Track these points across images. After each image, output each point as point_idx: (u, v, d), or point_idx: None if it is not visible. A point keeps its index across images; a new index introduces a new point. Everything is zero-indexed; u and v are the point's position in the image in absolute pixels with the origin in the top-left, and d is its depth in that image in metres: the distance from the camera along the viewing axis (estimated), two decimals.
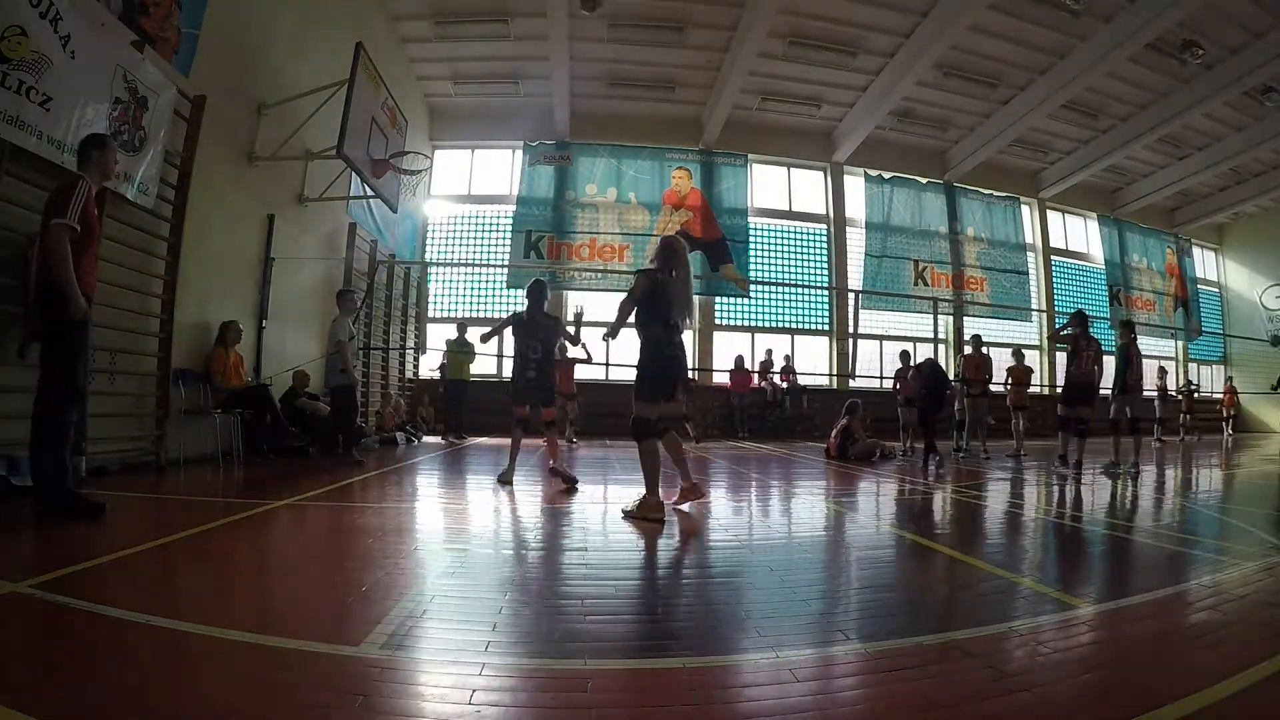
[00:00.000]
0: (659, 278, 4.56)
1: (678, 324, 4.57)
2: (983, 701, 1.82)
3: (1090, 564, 3.79)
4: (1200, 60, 13.39)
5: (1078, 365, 8.45)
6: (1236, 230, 22.50)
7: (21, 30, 4.62)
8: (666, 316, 4.53)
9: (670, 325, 4.53)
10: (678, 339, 4.60)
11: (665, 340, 4.52)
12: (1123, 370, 8.63)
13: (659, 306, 4.51)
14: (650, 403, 4.57)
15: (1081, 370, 8.42)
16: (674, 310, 4.53)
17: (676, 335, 4.58)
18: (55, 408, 3.94)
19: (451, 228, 16.51)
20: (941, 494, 6.43)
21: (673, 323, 4.55)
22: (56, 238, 3.82)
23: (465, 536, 4.05)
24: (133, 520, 4.03)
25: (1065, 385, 8.72)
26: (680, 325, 4.60)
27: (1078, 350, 8.47)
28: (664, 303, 4.51)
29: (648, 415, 4.58)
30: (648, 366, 4.54)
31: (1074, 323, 8.70)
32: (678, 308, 4.55)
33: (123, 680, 1.87)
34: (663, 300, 4.51)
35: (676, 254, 4.66)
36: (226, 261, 7.85)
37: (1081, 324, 8.61)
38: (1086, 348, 8.45)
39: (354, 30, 9.60)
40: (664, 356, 4.53)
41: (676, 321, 4.56)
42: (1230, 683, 1.92)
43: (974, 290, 18.04)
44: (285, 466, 7.26)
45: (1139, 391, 8.97)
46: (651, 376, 4.57)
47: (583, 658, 2.08)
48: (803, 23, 13.11)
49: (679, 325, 4.59)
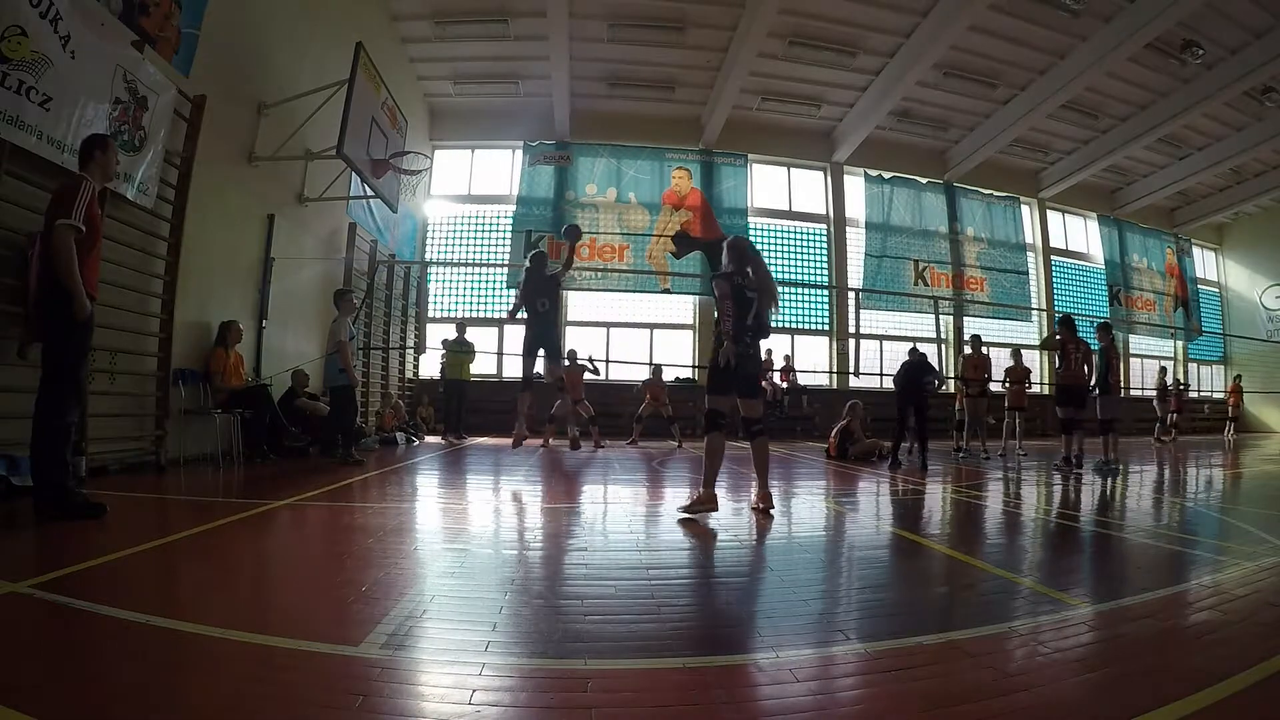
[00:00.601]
0: (737, 281, 4.68)
1: (755, 324, 4.69)
2: (983, 702, 1.82)
3: (1091, 564, 3.79)
4: (1200, 60, 13.39)
5: (1065, 367, 8.88)
6: (1237, 230, 22.50)
7: (21, 30, 4.62)
8: (746, 316, 4.66)
9: (748, 325, 4.65)
10: (754, 339, 4.72)
11: (740, 340, 4.60)
12: (1104, 372, 8.96)
13: (740, 307, 4.63)
14: (721, 395, 4.71)
15: (1070, 372, 8.82)
16: (751, 311, 4.67)
17: (752, 335, 4.70)
18: (57, 408, 3.95)
19: (451, 228, 16.50)
20: (941, 494, 6.44)
21: (750, 322, 4.66)
22: (62, 238, 3.83)
23: (465, 536, 4.05)
24: (133, 520, 4.03)
25: (1056, 388, 9.11)
26: (761, 325, 4.74)
27: (1066, 354, 8.88)
28: (743, 303, 4.64)
29: (718, 408, 4.71)
30: (719, 362, 4.63)
31: (1063, 332, 9.06)
32: (757, 306, 4.69)
33: (123, 680, 1.87)
34: (742, 301, 4.63)
35: (743, 254, 4.79)
36: (226, 261, 7.85)
37: (1068, 329, 8.98)
38: (1075, 351, 8.83)
39: (354, 30, 9.59)
40: (739, 355, 4.60)
41: (754, 321, 4.68)
42: (1231, 683, 1.92)
43: (974, 290, 18.04)
44: (285, 466, 7.26)
45: (1118, 392, 9.31)
46: (721, 371, 4.64)
47: (583, 658, 2.08)
48: (803, 23, 13.11)
49: (758, 325, 4.71)
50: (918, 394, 9.03)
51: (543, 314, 6.89)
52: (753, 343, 4.74)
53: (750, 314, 4.68)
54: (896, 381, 9.30)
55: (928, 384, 9.03)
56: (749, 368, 4.76)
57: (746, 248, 4.87)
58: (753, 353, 4.77)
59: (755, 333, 4.73)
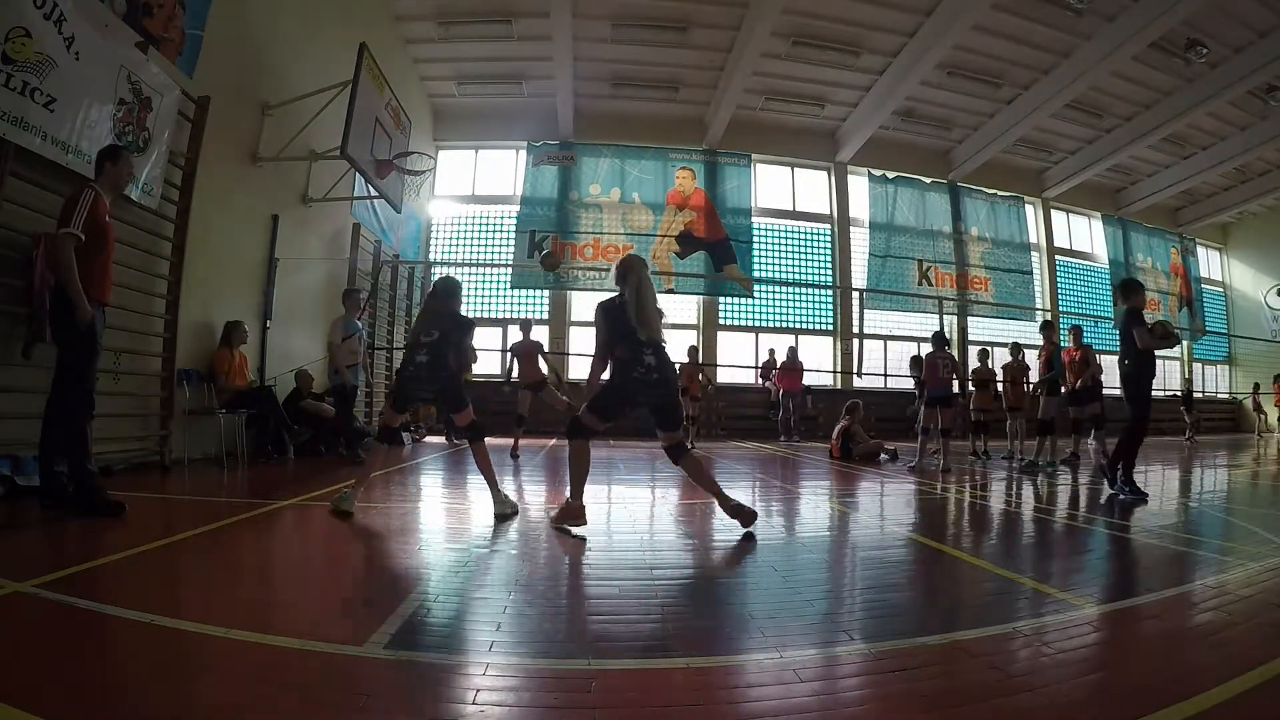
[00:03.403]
0: (612, 304, 4.30)
1: (642, 341, 4.16)
2: (986, 702, 1.81)
3: (1092, 564, 3.78)
4: (1204, 59, 13.35)
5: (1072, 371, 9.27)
6: (1241, 230, 22.43)
7: (26, 32, 4.64)
8: (629, 337, 4.18)
9: (635, 343, 4.16)
10: (648, 357, 4.17)
11: (631, 360, 4.17)
12: (1059, 373, 9.32)
13: (618, 330, 4.21)
14: (599, 417, 4.27)
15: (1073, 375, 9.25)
16: (634, 329, 4.16)
17: (644, 353, 4.17)
18: (69, 412, 4.00)
19: (455, 228, 16.52)
20: (946, 495, 6.43)
21: (637, 340, 4.16)
22: (60, 247, 3.87)
23: (468, 536, 4.05)
24: (137, 520, 4.04)
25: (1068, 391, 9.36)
26: (648, 340, 4.17)
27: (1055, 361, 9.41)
28: (621, 324, 4.19)
29: (592, 425, 4.27)
30: (610, 385, 4.25)
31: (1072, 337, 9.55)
32: (637, 324, 4.17)
33: (126, 679, 1.87)
34: (619, 323, 4.21)
35: (624, 273, 4.33)
36: (231, 262, 7.88)
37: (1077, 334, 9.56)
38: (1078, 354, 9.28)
39: (358, 31, 9.61)
40: (629, 379, 4.17)
41: (640, 339, 4.16)
42: (1235, 683, 1.91)
43: (978, 290, 18.01)
44: (289, 467, 7.28)
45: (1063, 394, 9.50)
46: (610, 394, 4.25)
47: (586, 658, 2.08)
48: (806, 22, 13.10)
49: (645, 341, 4.16)
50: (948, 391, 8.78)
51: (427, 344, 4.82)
52: (656, 367, 4.17)
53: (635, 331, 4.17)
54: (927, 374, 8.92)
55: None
56: (661, 396, 4.27)
57: (626, 265, 4.39)
58: (655, 378, 4.17)
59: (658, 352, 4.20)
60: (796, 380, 14.61)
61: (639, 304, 4.19)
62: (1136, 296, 6.09)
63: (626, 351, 4.18)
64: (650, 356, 4.17)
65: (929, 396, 8.74)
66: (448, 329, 4.79)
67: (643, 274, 4.31)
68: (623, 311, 4.22)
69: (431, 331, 4.78)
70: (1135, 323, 5.86)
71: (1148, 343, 5.81)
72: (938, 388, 8.67)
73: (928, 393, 8.79)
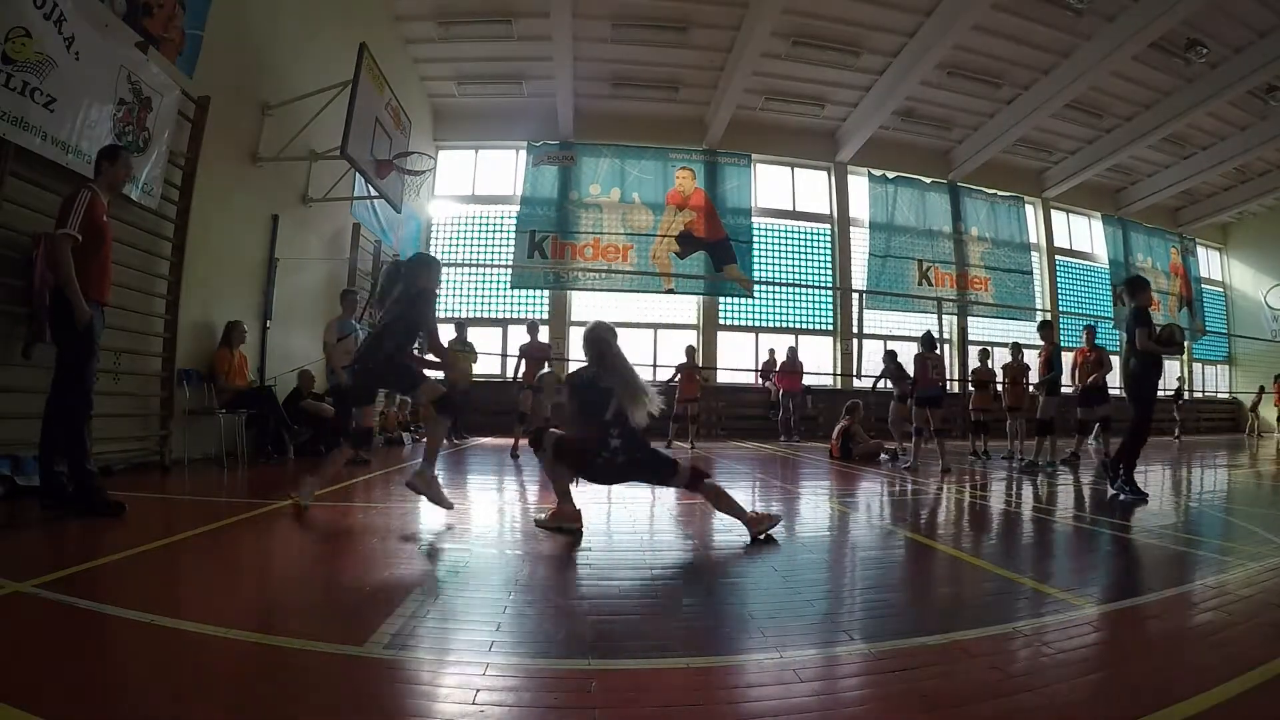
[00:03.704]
0: (581, 379, 4.11)
1: (608, 421, 3.93)
2: (986, 702, 1.82)
3: (1092, 564, 3.78)
4: (1204, 59, 13.35)
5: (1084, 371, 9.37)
6: (1241, 230, 22.43)
7: (26, 32, 4.64)
8: (595, 419, 3.97)
9: (602, 425, 3.95)
10: (613, 440, 3.93)
11: (597, 444, 3.95)
12: (1057, 373, 9.26)
13: (586, 410, 4.01)
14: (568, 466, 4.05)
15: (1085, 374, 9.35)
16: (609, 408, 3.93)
17: (611, 435, 3.93)
18: (67, 412, 4.00)
19: (455, 228, 16.51)
20: (945, 495, 6.43)
21: (604, 421, 3.94)
22: (57, 247, 3.87)
23: (469, 537, 4.05)
24: (137, 520, 4.04)
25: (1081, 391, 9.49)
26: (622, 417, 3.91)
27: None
28: (592, 405, 3.99)
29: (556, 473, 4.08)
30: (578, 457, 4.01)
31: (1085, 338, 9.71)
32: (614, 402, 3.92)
33: (126, 680, 1.87)
34: (588, 403, 4.00)
35: (598, 352, 4.08)
36: (231, 262, 7.87)
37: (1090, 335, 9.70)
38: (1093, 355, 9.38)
39: (358, 31, 9.60)
40: (593, 464, 3.99)
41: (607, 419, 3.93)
42: (1235, 683, 1.91)
43: (978, 290, 18.00)
44: (289, 467, 7.28)
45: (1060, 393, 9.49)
46: (577, 463, 4.05)
47: (586, 658, 2.08)
48: (806, 22, 13.09)
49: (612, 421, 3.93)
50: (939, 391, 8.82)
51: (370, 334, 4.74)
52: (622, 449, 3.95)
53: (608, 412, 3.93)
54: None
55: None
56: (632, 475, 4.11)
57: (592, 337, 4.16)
58: (621, 460, 3.95)
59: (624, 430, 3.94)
60: (796, 380, 14.59)
61: (626, 388, 3.91)
62: (1142, 295, 6.06)
63: (593, 433, 3.96)
64: (616, 439, 3.93)
65: (918, 397, 8.76)
66: (393, 314, 4.52)
67: (617, 348, 4.08)
68: (594, 391, 3.98)
69: (381, 320, 4.58)
70: (1139, 323, 5.84)
71: (1147, 345, 5.79)
72: (926, 388, 8.69)
73: (917, 393, 8.80)
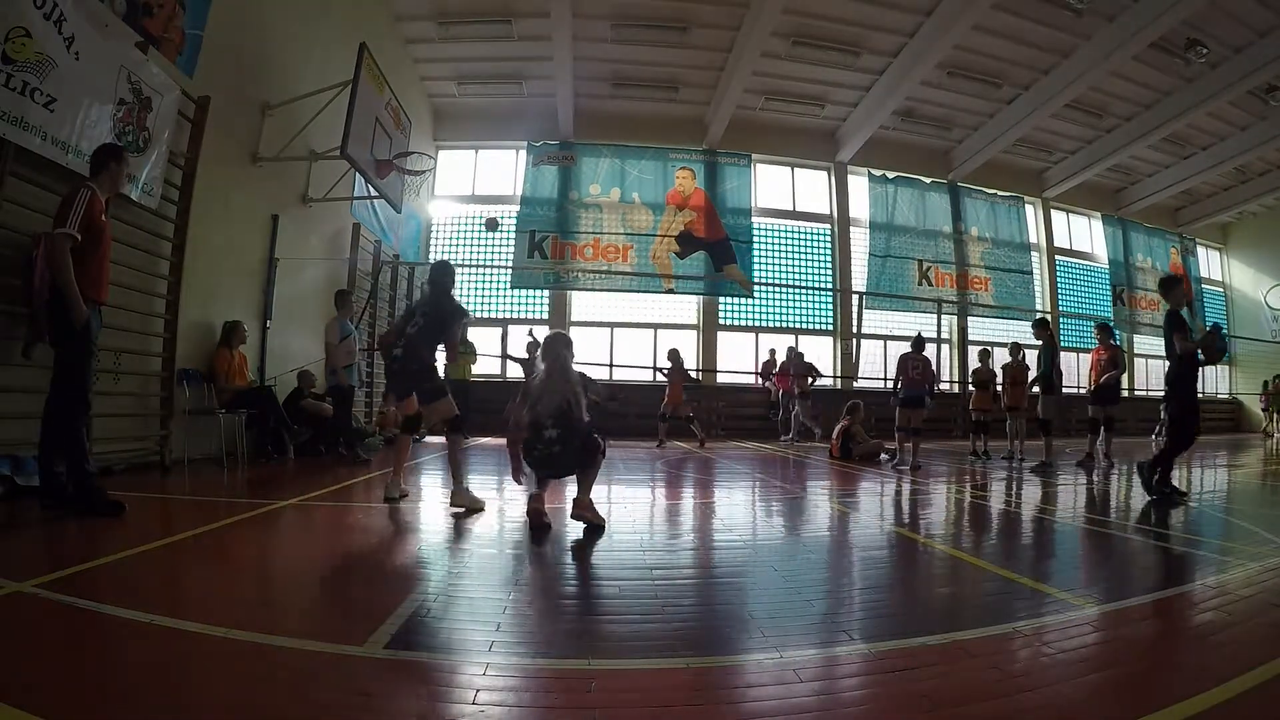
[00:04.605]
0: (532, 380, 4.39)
1: (541, 413, 4.20)
2: (987, 702, 1.81)
3: (1092, 564, 3.78)
4: (1204, 59, 13.33)
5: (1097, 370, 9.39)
6: (1241, 229, 22.42)
7: (26, 32, 4.64)
8: (531, 412, 4.24)
9: (535, 416, 4.22)
10: (548, 432, 4.17)
11: (533, 437, 4.22)
12: (1047, 370, 9.24)
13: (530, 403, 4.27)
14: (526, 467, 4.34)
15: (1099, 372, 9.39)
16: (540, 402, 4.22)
17: (545, 428, 4.18)
18: (65, 412, 4.00)
19: (456, 228, 16.50)
20: (945, 495, 6.43)
21: (536, 412, 4.22)
22: (56, 247, 3.87)
23: (469, 536, 4.05)
24: (137, 520, 4.04)
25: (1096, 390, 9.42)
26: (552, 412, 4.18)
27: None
28: (532, 399, 4.26)
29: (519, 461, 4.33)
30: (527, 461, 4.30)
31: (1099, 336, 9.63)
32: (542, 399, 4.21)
33: (126, 679, 1.87)
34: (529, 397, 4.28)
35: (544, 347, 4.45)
36: (231, 262, 7.87)
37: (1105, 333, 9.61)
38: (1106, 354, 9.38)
39: (357, 31, 9.60)
40: (530, 454, 4.25)
41: (539, 411, 4.20)
42: (1235, 683, 1.91)
43: (978, 290, 18.00)
44: (289, 467, 7.28)
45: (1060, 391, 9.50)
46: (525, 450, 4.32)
47: (586, 658, 2.08)
48: (806, 22, 13.08)
49: (546, 413, 4.19)
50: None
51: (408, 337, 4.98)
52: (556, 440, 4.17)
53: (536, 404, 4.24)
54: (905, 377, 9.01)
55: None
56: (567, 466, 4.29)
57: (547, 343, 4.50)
58: (556, 450, 4.18)
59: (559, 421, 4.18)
60: (800, 381, 14.55)
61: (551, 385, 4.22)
62: (1174, 293, 6.03)
63: (530, 426, 4.22)
64: (551, 430, 4.17)
65: (901, 398, 8.93)
66: (430, 321, 4.89)
67: (561, 353, 4.37)
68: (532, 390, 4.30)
69: (418, 322, 4.90)
70: (1175, 328, 5.78)
71: (1187, 347, 5.75)
72: (909, 389, 8.86)
73: (900, 394, 8.97)
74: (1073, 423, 15.23)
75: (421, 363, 4.89)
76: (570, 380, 4.28)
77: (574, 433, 4.22)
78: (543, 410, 4.20)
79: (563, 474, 4.38)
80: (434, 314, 4.93)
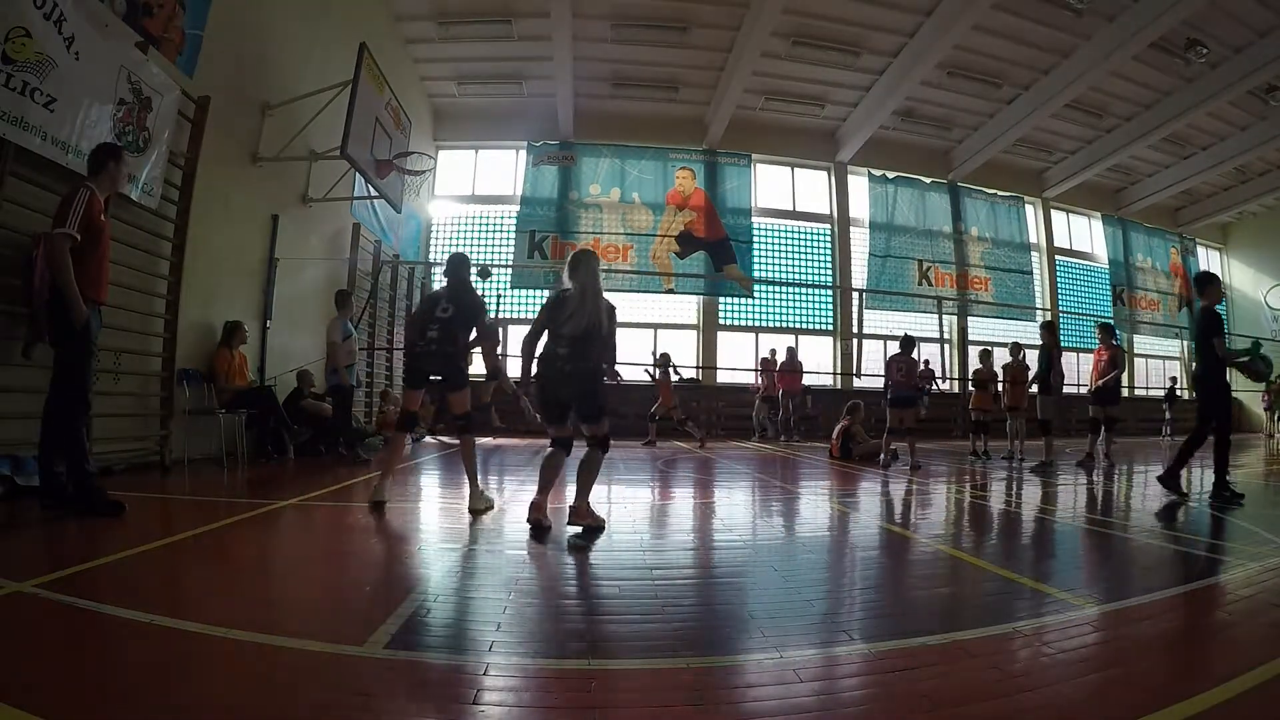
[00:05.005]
0: (558, 297, 4.27)
1: (564, 335, 4.13)
2: (987, 702, 1.81)
3: (1092, 564, 3.78)
4: (1204, 59, 13.34)
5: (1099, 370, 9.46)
6: (1241, 229, 22.43)
7: (26, 32, 4.64)
8: (554, 331, 4.20)
9: (555, 337, 4.18)
10: (561, 349, 4.13)
11: (552, 354, 4.17)
12: (1045, 371, 9.27)
13: (553, 320, 4.21)
14: (543, 417, 4.34)
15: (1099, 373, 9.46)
16: (569, 321, 4.12)
17: (559, 346, 4.15)
18: (64, 413, 4.00)
19: (455, 228, 16.51)
20: (945, 494, 6.43)
21: (558, 334, 4.16)
22: (55, 247, 3.86)
23: (469, 536, 4.05)
24: (137, 520, 4.04)
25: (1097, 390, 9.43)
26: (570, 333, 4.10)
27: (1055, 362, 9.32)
28: (558, 315, 4.17)
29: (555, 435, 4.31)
30: (535, 384, 4.26)
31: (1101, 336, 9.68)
32: (573, 317, 4.11)
33: (126, 679, 1.87)
34: (557, 313, 4.18)
35: (573, 265, 4.29)
36: (231, 262, 7.87)
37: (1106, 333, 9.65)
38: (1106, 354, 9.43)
39: (357, 31, 9.59)
40: (550, 373, 4.17)
41: (563, 333, 4.13)
42: (1235, 683, 1.91)
43: (978, 290, 18.01)
44: (289, 467, 7.28)
45: (1060, 392, 9.50)
46: (536, 394, 4.27)
47: (586, 658, 2.08)
48: (806, 22, 13.09)
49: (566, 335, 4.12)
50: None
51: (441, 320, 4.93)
52: (570, 359, 4.11)
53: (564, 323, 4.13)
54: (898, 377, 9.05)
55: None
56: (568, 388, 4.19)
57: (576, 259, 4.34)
58: (567, 369, 4.11)
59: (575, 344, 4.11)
60: (796, 380, 14.56)
61: (586, 299, 4.14)
62: (1211, 290, 5.93)
63: (548, 345, 4.22)
64: (564, 348, 4.13)
65: (890, 398, 9.01)
66: (463, 306, 4.92)
67: (592, 267, 4.28)
68: (562, 307, 4.18)
69: (447, 307, 4.91)
70: (1215, 331, 5.72)
71: (1227, 355, 5.72)
72: (896, 389, 8.97)
73: (890, 394, 9.05)
74: (1073, 423, 15.27)
75: (456, 345, 4.89)
76: (600, 306, 4.19)
77: (583, 359, 4.14)
78: (569, 331, 4.11)
79: (567, 399, 4.22)
80: (459, 304, 4.94)
